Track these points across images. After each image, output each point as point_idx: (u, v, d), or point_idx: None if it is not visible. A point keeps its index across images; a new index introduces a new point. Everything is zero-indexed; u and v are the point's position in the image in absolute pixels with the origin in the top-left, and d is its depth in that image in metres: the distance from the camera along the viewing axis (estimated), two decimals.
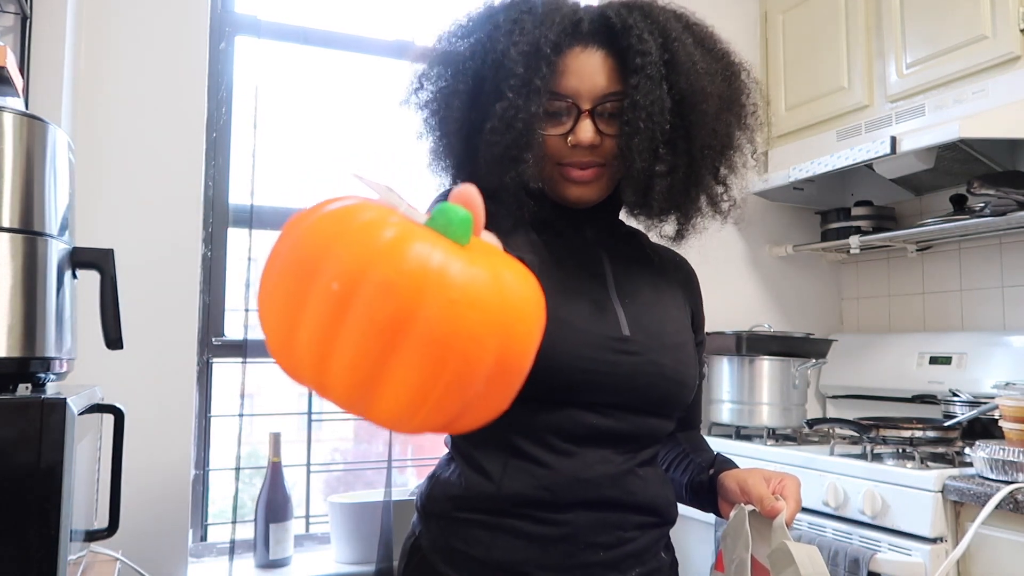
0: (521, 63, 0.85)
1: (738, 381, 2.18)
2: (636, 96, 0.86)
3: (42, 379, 1.09)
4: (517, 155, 0.86)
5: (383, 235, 0.46)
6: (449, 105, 0.89)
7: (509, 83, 0.85)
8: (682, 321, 1.00)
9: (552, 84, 0.87)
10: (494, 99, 0.86)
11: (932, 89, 1.97)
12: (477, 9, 0.94)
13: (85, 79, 1.79)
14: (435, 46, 0.96)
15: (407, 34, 2.22)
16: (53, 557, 0.92)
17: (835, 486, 1.71)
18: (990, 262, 2.19)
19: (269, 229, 2.08)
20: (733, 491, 0.92)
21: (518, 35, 0.86)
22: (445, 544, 0.88)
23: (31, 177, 1.07)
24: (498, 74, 0.86)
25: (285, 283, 0.47)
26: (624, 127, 0.87)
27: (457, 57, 0.90)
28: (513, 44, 0.85)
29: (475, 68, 0.88)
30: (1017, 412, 1.57)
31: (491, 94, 0.87)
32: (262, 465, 1.97)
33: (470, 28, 0.92)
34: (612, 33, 0.88)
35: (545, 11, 0.88)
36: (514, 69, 0.85)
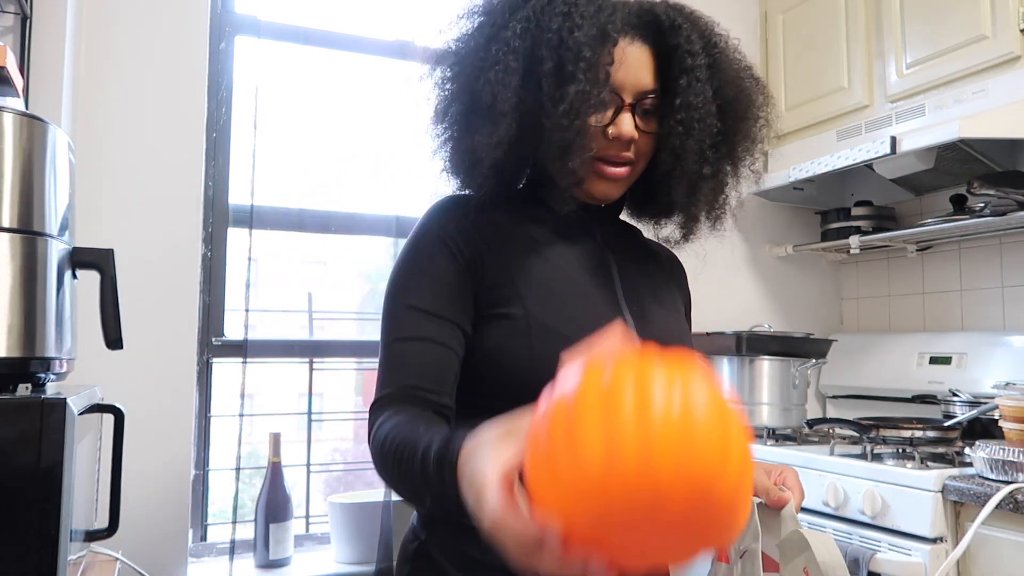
0: (588, 47, 0.82)
1: (738, 381, 2.18)
2: (689, 96, 0.86)
3: (42, 379, 1.09)
4: (585, 143, 0.84)
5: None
6: (505, 83, 0.84)
7: (579, 66, 0.82)
8: (682, 324, 1.02)
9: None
10: (557, 82, 0.83)
11: (932, 89, 1.97)
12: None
13: (85, 79, 1.79)
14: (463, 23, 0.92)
15: (407, 34, 2.22)
16: (53, 557, 0.92)
17: (835, 486, 1.71)
18: (990, 262, 2.19)
19: (269, 229, 2.08)
20: None
21: (579, 18, 0.84)
22: (458, 550, 0.87)
23: (31, 177, 1.07)
24: (562, 56, 0.83)
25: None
26: (677, 127, 0.87)
27: (503, 35, 0.85)
28: (576, 27, 0.83)
29: (527, 48, 0.84)
30: (1017, 412, 1.57)
31: (553, 76, 0.83)
32: (262, 465, 1.97)
33: (508, 6, 0.88)
34: (658, 30, 0.88)
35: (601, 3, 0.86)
36: (581, 52, 0.82)
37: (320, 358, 2.12)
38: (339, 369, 2.18)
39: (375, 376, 0.89)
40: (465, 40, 0.91)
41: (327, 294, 2.20)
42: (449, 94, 0.92)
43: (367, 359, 2.19)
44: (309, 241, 2.15)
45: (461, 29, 0.92)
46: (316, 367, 2.12)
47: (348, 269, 2.23)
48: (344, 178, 2.19)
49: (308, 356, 2.11)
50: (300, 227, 2.12)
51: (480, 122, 0.86)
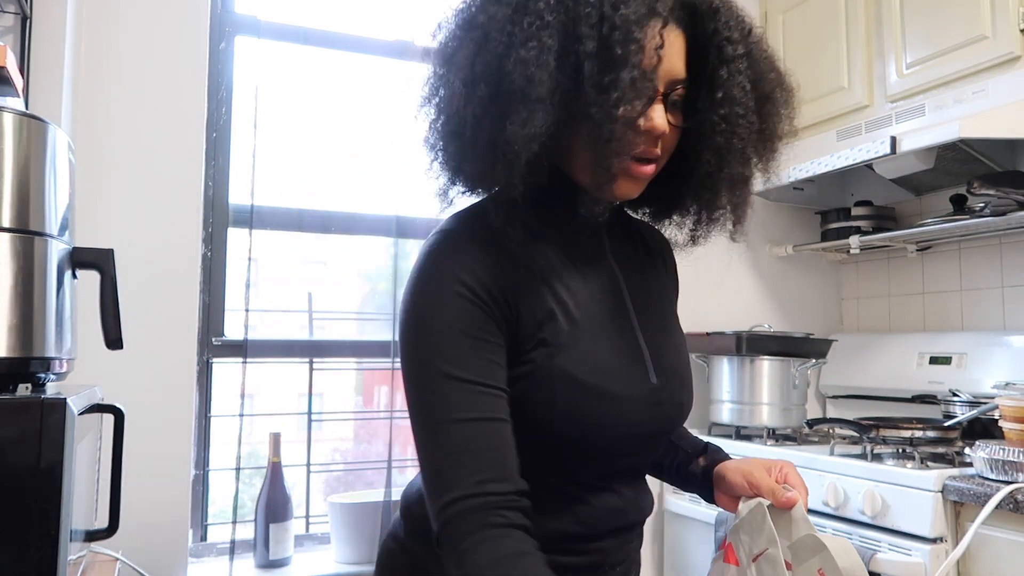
0: (638, 26, 0.72)
1: (738, 381, 2.18)
2: (732, 90, 0.78)
3: (42, 379, 1.09)
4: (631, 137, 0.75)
5: None
6: (541, 63, 0.72)
7: (630, 48, 0.71)
8: (680, 331, 0.97)
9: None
10: (602, 65, 0.72)
11: (932, 89, 1.97)
12: None
13: (85, 79, 1.79)
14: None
15: (407, 34, 2.22)
16: (53, 557, 0.92)
17: (835, 486, 1.71)
18: (990, 262, 2.19)
19: (269, 229, 2.09)
20: (740, 485, 0.90)
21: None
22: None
23: (31, 177, 1.07)
24: (607, 35, 0.72)
25: None
26: (720, 123, 0.78)
27: (533, 5, 0.74)
28: (622, 1, 0.72)
29: (562, 23, 0.73)
30: (1017, 412, 1.57)
31: (597, 59, 0.72)
32: (262, 465, 1.97)
33: None
34: (693, 12, 0.79)
35: None
36: (631, 32, 0.71)
37: (320, 358, 2.12)
38: (339, 369, 2.18)
39: (375, 376, 0.88)
40: (484, 7, 0.77)
41: (327, 294, 2.20)
42: (465, 72, 0.76)
43: (367, 359, 2.19)
44: (309, 241, 2.15)
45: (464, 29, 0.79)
46: (316, 367, 2.12)
47: (348, 269, 2.24)
48: (344, 178, 2.19)
49: (308, 356, 2.11)
50: (300, 227, 2.12)
51: (512, 108, 0.73)
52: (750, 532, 0.85)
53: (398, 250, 2.18)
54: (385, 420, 2.12)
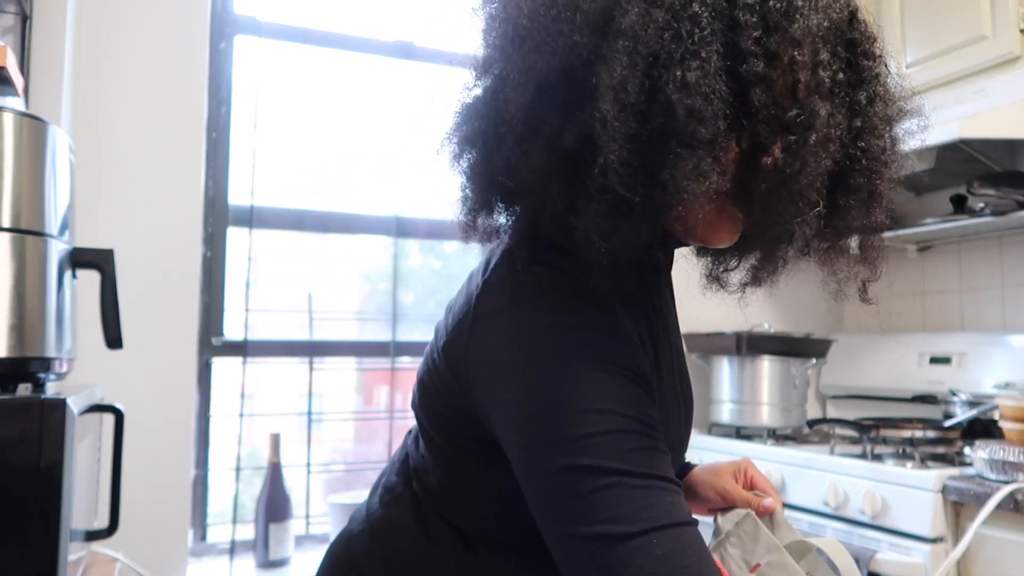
0: (823, 45, 0.58)
1: (738, 381, 2.18)
2: (871, 119, 0.64)
3: (42, 379, 1.09)
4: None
5: None
6: (708, 92, 0.53)
7: (820, 76, 0.57)
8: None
9: None
10: (768, 92, 0.55)
11: (932, 89, 1.97)
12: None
13: (85, 79, 1.79)
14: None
15: (407, 34, 2.22)
16: (53, 557, 0.92)
17: (835, 486, 1.71)
18: (990, 262, 2.19)
19: (269, 229, 2.09)
20: (713, 500, 0.85)
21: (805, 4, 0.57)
22: None
23: (31, 177, 1.07)
24: (775, 51, 0.55)
25: None
26: (861, 159, 0.64)
27: (689, 6, 0.55)
28: (797, 11, 0.56)
29: (724, 31, 0.55)
30: (1017, 412, 1.57)
31: (762, 83, 0.55)
32: (262, 465, 1.97)
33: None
34: None
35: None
36: (819, 53, 0.58)
37: (320, 358, 2.12)
38: (339, 369, 2.18)
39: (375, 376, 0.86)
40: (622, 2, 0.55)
41: (327, 294, 2.20)
42: (611, 99, 0.54)
43: (367, 359, 2.19)
44: (309, 241, 2.15)
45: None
46: (316, 367, 2.12)
47: (348, 269, 2.24)
48: (344, 178, 2.19)
49: (308, 356, 2.11)
50: (300, 227, 2.12)
51: (669, 153, 0.54)
52: (740, 544, 0.82)
53: (398, 250, 2.18)
54: (385, 420, 2.12)
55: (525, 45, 0.59)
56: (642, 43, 0.53)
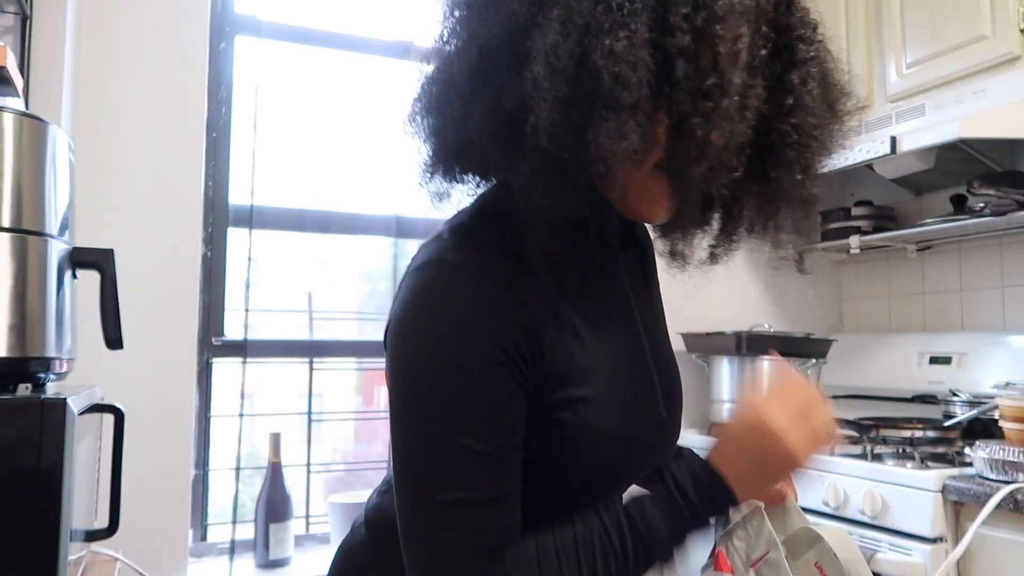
0: (744, 20, 0.62)
1: (738, 381, 2.18)
2: (802, 97, 0.68)
3: (42, 379, 1.09)
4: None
5: None
6: (634, 61, 0.58)
7: (737, 46, 0.61)
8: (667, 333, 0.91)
9: None
10: (697, 65, 0.60)
11: (932, 89, 1.97)
12: None
13: (85, 79, 1.79)
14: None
15: (407, 34, 2.22)
16: (53, 557, 0.92)
17: (835, 486, 1.71)
18: (990, 262, 2.19)
19: (269, 229, 2.09)
20: None
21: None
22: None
23: (31, 177, 1.07)
24: (703, 30, 0.60)
25: None
26: (792, 134, 0.68)
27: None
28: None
29: (652, 8, 0.60)
30: (1017, 412, 1.57)
31: (690, 57, 0.59)
32: (262, 465, 1.97)
33: None
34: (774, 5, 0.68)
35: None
36: (737, 30, 0.61)
37: (320, 358, 2.12)
38: (339, 369, 2.18)
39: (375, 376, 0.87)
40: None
41: (327, 294, 2.20)
42: (542, 62, 0.59)
43: (367, 359, 2.19)
44: (309, 241, 2.15)
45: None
46: (316, 367, 2.12)
47: (348, 269, 2.24)
48: (344, 178, 2.19)
49: (308, 356, 2.11)
50: (300, 227, 2.12)
51: (596, 116, 0.58)
52: (745, 538, 0.81)
53: (398, 250, 2.18)
54: (385, 420, 2.11)
55: (471, 12, 0.67)
56: (575, 13, 0.58)
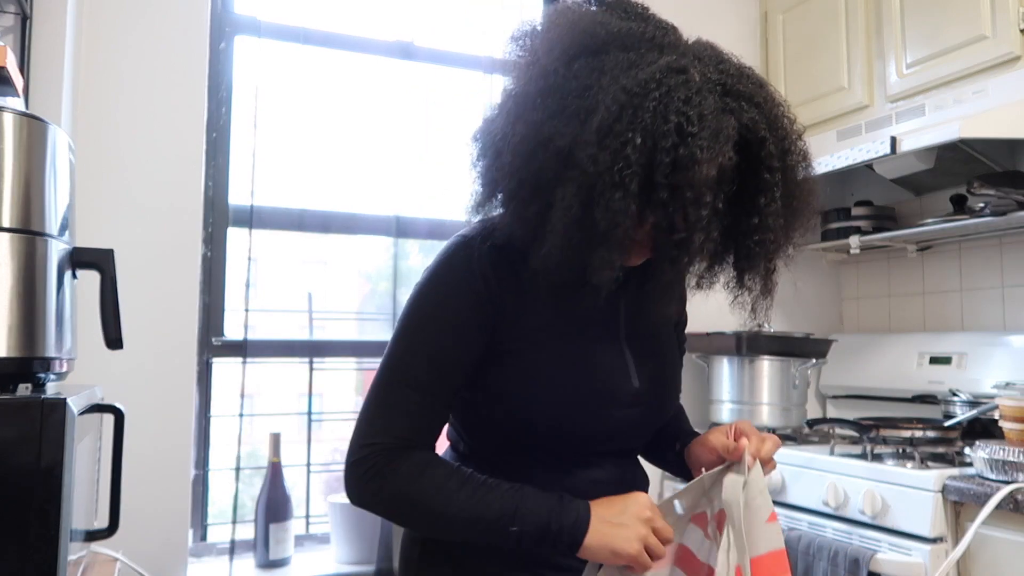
0: (710, 190, 0.78)
1: (738, 381, 2.18)
2: (767, 219, 0.83)
3: (42, 379, 1.09)
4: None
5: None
6: (624, 211, 0.77)
7: (701, 214, 0.78)
8: (675, 347, 1.06)
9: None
10: (670, 219, 0.79)
11: (932, 89, 1.97)
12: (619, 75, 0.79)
13: (85, 79, 1.79)
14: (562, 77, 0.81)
15: (407, 34, 2.22)
16: (53, 557, 0.92)
17: (835, 486, 1.71)
18: (990, 262, 2.19)
19: (269, 229, 2.08)
20: (711, 462, 0.95)
21: (698, 148, 0.75)
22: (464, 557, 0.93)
23: (31, 177, 1.07)
24: (679, 186, 0.77)
25: None
26: (754, 248, 0.85)
27: (621, 147, 0.76)
28: (695, 160, 0.75)
29: (643, 164, 0.76)
30: (1017, 412, 1.57)
31: (665, 209, 0.78)
32: (262, 465, 1.97)
33: (620, 92, 0.77)
34: (745, 144, 0.81)
35: (714, 127, 0.76)
36: (703, 197, 0.77)
37: (320, 358, 2.12)
38: (339, 369, 2.18)
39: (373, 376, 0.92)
40: (564, 120, 0.79)
41: (327, 294, 2.20)
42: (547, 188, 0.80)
43: (367, 359, 2.19)
44: (309, 241, 2.15)
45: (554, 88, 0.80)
46: (316, 367, 2.12)
47: (348, 269, 2.24)
48: (344, 178, 2.19)
49: (308, 356, 2.11)
50: (300, 227, 2.12)
51: (594, 249, 0.79)
52: (687, 494, 0.93)
53: (398, 250, 2.18)
54: None
55: (514, 158, 0.83)
56: (588, 175, 0.77)
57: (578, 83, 0.79)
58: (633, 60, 0.79)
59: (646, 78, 0.77)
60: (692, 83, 0.77)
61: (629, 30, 0.82)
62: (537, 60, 0.83)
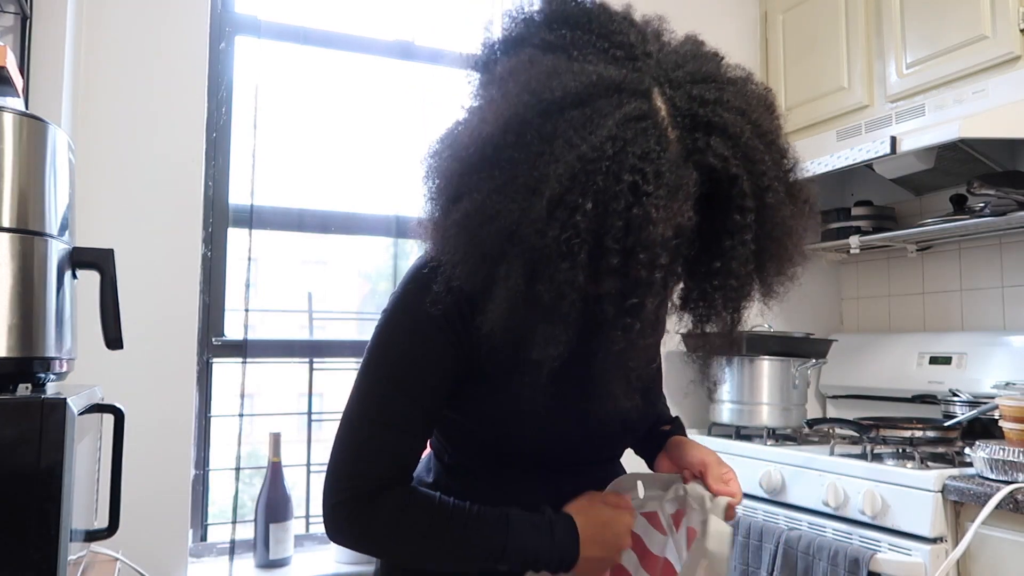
0: (665, 251, 0.70)
1: (738, 381, 2.18)
2: (730, 263, 0.75)
3: (42, 379, 1.09)
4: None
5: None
6: (572, 283, 0.70)
7: (656, 278, 0.70)
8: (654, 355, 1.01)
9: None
10: (628, 288, 0.71)
11: (932, 89, 1.97)
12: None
13: (85, 79, 1.79)
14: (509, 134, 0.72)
15: (407, 34, 2.22)
16: (53, 557, 0.92)
17: (835, 486, 1.71)
18: (990, 262, 2.19)
19: (269, 229, 2.09)
20: (691, 464, 0.97)
21: (653, 208, 0.68)
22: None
23: (31, 177, 1.07)
24: (632, 251, 0.69)
25: None
26: (714, 294, 0.77)
27: (570, 217, 0.69)
28: (650, 220, 0.68)
29: (593, 230, 0.69)
30: (1017, 412, 1.57)
31: (618, 276, 0.71)
32: (262, 465, 1.97)
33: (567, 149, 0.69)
34: (713, 179, 0.73)
35: (672, 186, 0.69)
36: (657, 260, 0.70)
37: (320, 358, 2.12)
38: (339, 369, 2.18)
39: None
40: (511, 193, 0.71)
41: (327, 294, 2.20)
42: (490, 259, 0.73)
43: None
44: (309, 241, 2.15)
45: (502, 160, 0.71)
46: (316, 367, 2.12)
47: (348, 269, 2.24)
48: (344, 178, 2.19)
49: (308, 356, 2.11)
50: (300, 227, 2.12)
51: (536, 318, 0.73)
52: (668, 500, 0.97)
53: (398, 250, 2.18)
54: None
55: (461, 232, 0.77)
56: (532, 249, 0.70)
57: (528, 152, 0.70)
58: (588, 116, 0.69)
59: (602, 139, 0.68)
60: (651, 132, 0.69)
61: (585, 74, 0.71)
62: (486, 122, 0.74)
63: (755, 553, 1.81)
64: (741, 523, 1.88)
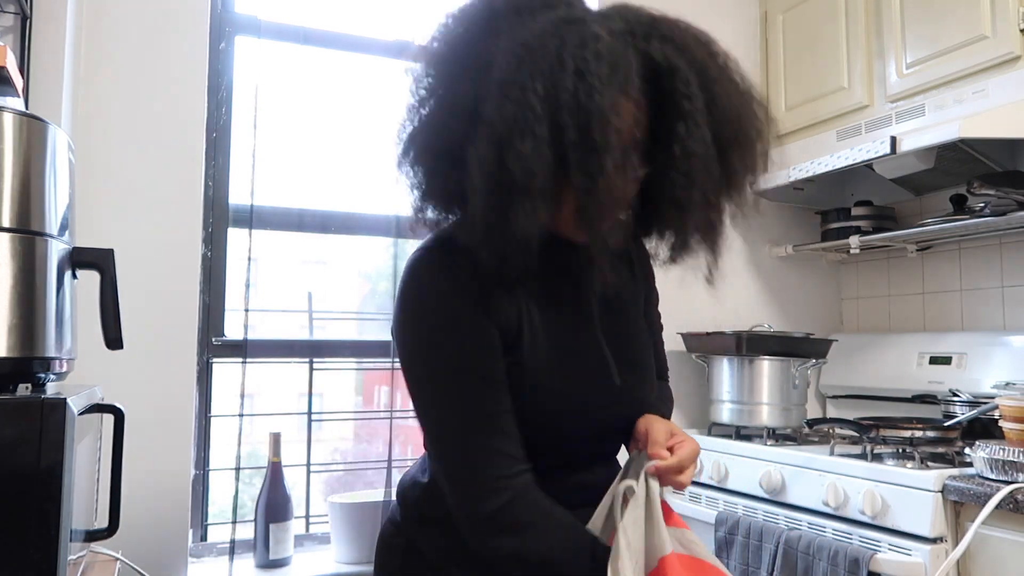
0: (615, 114, 0.77)
1: (738, 381, 2.18)
2: (690, 145, 0.81)
3: (42, 379, 1.09)
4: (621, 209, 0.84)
5: None
6: (539, 157, 0.76)
7: (610, 139, 0.76)
8: (643, 329, 1.05)
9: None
10: (586, 152, 0.76)
11: (932, 89, 1.97)
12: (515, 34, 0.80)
13: (85, 79, 1.79)
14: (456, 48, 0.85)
15: (407, 34, 2.22)
16: (53, 557, 0.92)
17: (835, 486, 1.71)
18: (990, 262, 2.19)
19: (269, 229, 2.09)
20: (640, 432, 0.96)
21: (596, 80, 0.76)
22: (458, 548, 0.91)
23: (31, 177, 1.07)
24: (586, 124, 0.76)
25: None
26: (681, 178, 0.82)
27: (524, 96, 0.77)
28: (595, 90, 0.75)
29: (549, 111, 0.77)
30: (1017, 412, 1.57)
31: (580, 146, 0.76)
32: (262, 465, 1.97)
33: (511, 56, 0.79)
34: (655, 73, 0.81)
35: (611, 61, 0.77)
36: (609, 121, 0.76)
37: (320, 358, 2.12)
38: (339, 369, 2.18)
39: (375, 376, 0.92)
40: (467, 82, 0.81)
41: (327, 294, 2.20)
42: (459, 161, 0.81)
43: (367, 359, 2.19)
44: (309, 241, 2.15)
45: (455, 57, 0.84)
46: (316, 367, 2.12)
47: (348, 269, 2.24)
48: (344, 178, 2.19)
49: (308, 356, 2.11)
50: (300, 227, 2.12)
51: (516, 201, 0.77)
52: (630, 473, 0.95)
53: (398, 250, 2.18)
54: (385, 420, 2.12)
55: (425, 128, 0.86)
56: (495, 127, 0.77)
57: (475, 48, 0.82)
58: (526, 21, 0.80)
59: (540, 30, 0.78)
60: (587, 30, 0.78)
61: (528, 2, 0.83)
62: (434, 43, 0.86)
63: (755, 553, 1.81)
64: (741, 523, 1.88)
